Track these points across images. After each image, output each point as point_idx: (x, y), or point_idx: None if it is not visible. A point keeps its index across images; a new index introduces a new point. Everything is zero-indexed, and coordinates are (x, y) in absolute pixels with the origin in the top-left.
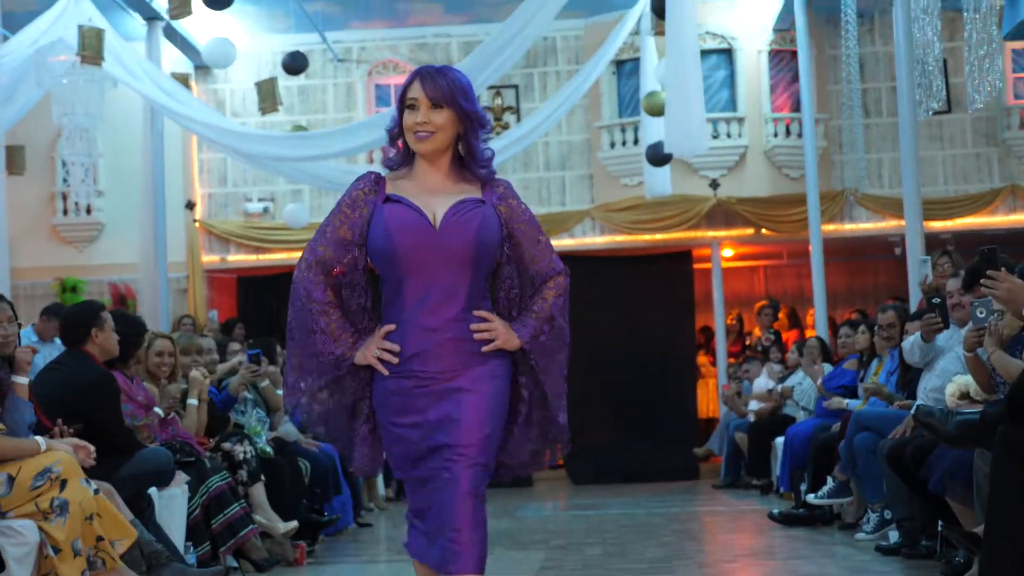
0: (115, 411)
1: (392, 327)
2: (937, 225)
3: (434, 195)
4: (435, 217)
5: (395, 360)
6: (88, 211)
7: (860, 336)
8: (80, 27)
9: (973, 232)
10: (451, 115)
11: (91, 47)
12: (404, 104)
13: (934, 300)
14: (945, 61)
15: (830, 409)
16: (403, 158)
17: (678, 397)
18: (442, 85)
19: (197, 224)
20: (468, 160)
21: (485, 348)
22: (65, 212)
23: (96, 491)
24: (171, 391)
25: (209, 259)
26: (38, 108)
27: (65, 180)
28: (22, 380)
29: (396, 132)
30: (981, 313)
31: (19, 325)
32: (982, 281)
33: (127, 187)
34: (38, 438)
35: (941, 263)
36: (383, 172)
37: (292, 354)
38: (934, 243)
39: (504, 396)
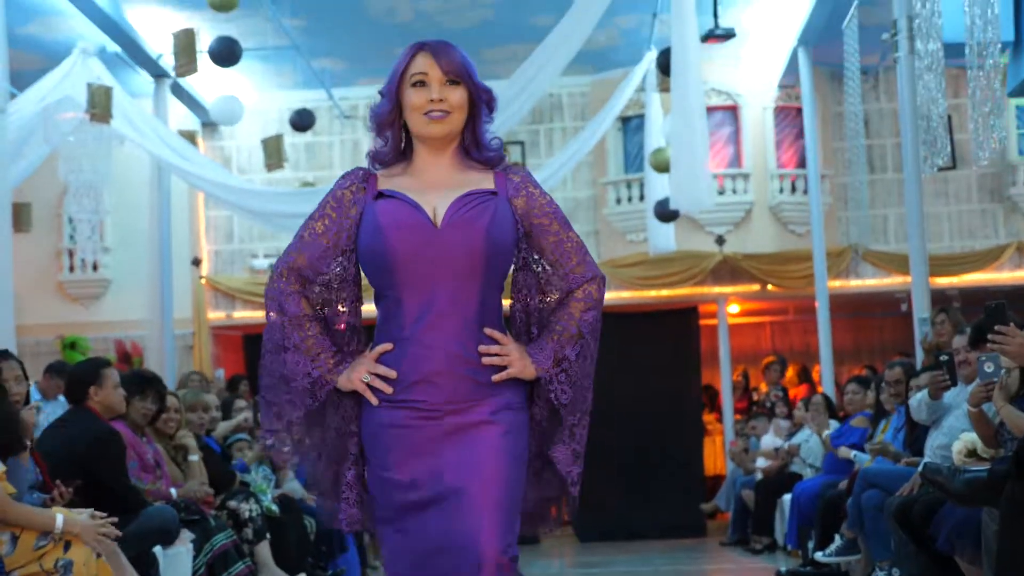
0: (119, 468)
1: (389, 346)
2: (943, 281)
3: (437, 190)
4: (436, 214)
5: (388, 388)
6: (94, 268)
7: (869, 394)
8: (89, 85)
9: (979, 288)
10: (465, 93)
11: (100, 105)
12: (403, 82)
13: (941, 357)
14: (950, 117)
15: (839, 458)
16: (395, 151)
17: (684, 453)
18: (457, 59)
19: (203, 281)
20: (472, 147)
21: (496, 376)
22: (71, 269)
23: (98, 555)
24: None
25: (215, 316)
26: (45, 165)
27: (71, 237)
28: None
29: (388, 119)
30: (989, 368)
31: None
32: (991, 337)
33: (133, 244)
34: (57, 516)
35: (939, 321)
36: (373, 169)
37: (262, 388)
38: (940, 299)
39: (524, 439)
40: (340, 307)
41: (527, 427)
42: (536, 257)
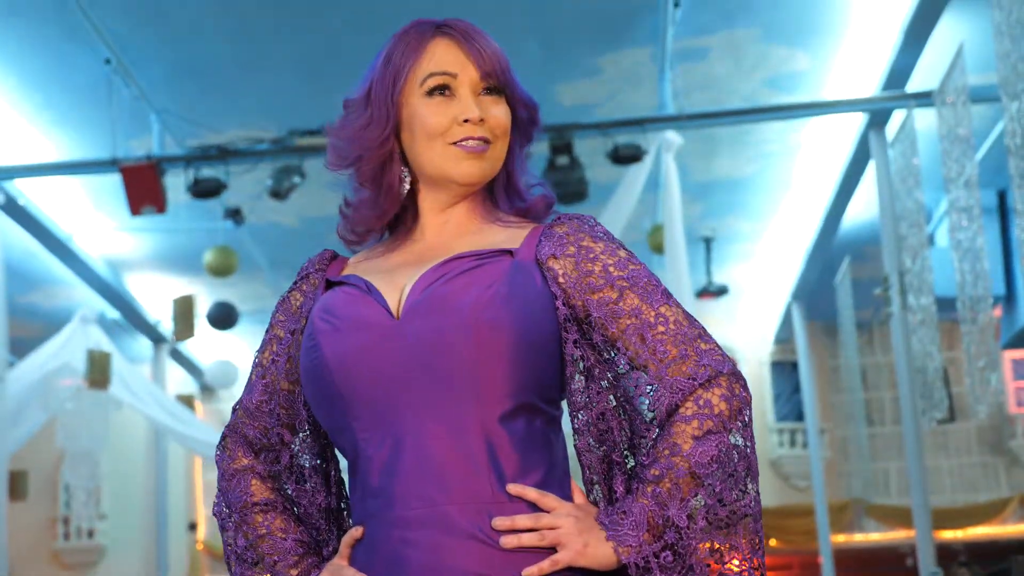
0: None
1: (358, 532)
2: (948, 535)
3: (421, 263)
4: (402, 298)
5: None
6: (90, 535)
7: None
8: (88, 351)
9: (985, 543)
10: (508, 110)
11: (98, 370)
12: (409, 87)
13: None
14: (946, 371)
15: None
16: (386, 213)
17: None
18: (496, 51)
19: (199, 546)
20: (501, 195)
21: (528, 572)
22: (67, 537)
23: None
24: None
25: None
26: (42, 431)
27: (67, 504)
28: None
29: (379, 154)
30: None
31: None
32: None
33: (129, 509)
34: None
35: (961, 574)
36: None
37: None
38: (945, 554)
39: None
40: (304, 475)
41: None
42: (610, 357)
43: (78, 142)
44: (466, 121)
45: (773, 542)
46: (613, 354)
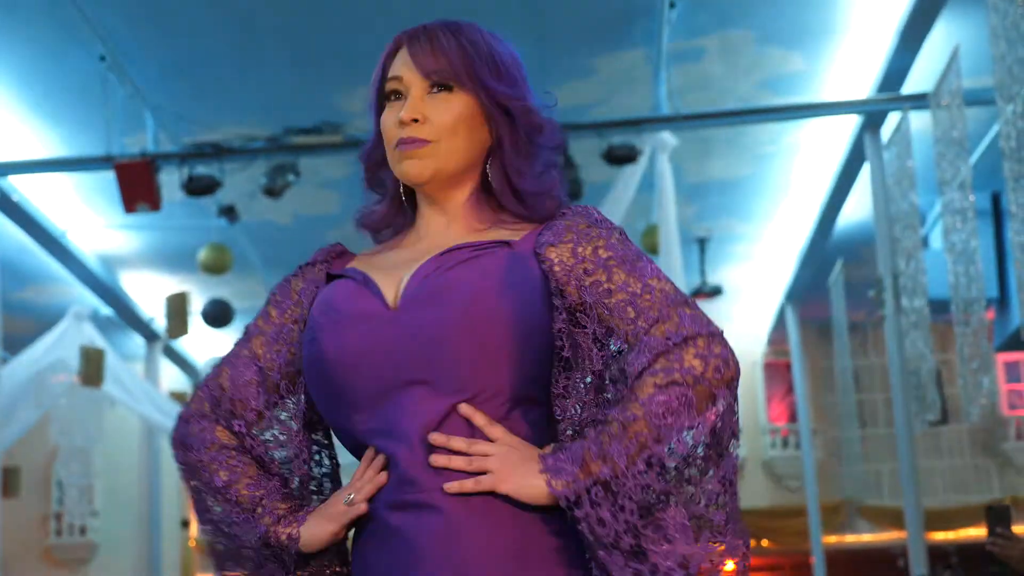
0: None
1: (384, 478)
2: (940, 537)
3: (418, 260)
4: (399, 290)
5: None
6: (82, 532)
7: None
8: (82, 348)
9: (977, 544)
10: (468, 103)
11: (91, 368)
12: (381, 93)
13: None
14: (939, 372)
15: None
16: (390, 209)
17: None
18: (447, 48)
19: (192, 543)
20: (504, 194)
21: (451, 486)
22: (59, 533)
23: None
24: None
25: None
26: (35, 427)
27: (60, 501)
28: None
29: (376, 156)
30: None
31: None
32: (990, 540)
33: (122, 507)
34: None
35: None
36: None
37: None
38: (937, 555)
39: None
40: (295, 461)
41: None
42: (604, 344)
43: (72, 139)
44: (401, 119)
45: (765, 543)
46: (608, 340)
